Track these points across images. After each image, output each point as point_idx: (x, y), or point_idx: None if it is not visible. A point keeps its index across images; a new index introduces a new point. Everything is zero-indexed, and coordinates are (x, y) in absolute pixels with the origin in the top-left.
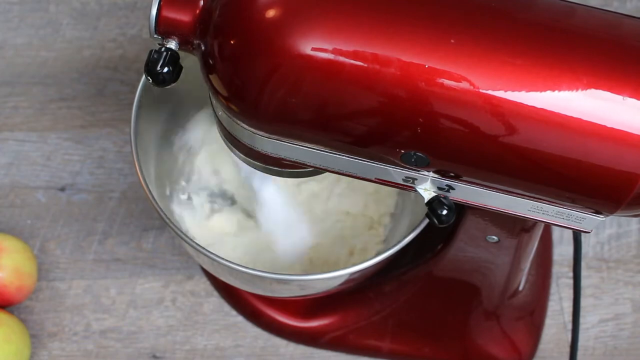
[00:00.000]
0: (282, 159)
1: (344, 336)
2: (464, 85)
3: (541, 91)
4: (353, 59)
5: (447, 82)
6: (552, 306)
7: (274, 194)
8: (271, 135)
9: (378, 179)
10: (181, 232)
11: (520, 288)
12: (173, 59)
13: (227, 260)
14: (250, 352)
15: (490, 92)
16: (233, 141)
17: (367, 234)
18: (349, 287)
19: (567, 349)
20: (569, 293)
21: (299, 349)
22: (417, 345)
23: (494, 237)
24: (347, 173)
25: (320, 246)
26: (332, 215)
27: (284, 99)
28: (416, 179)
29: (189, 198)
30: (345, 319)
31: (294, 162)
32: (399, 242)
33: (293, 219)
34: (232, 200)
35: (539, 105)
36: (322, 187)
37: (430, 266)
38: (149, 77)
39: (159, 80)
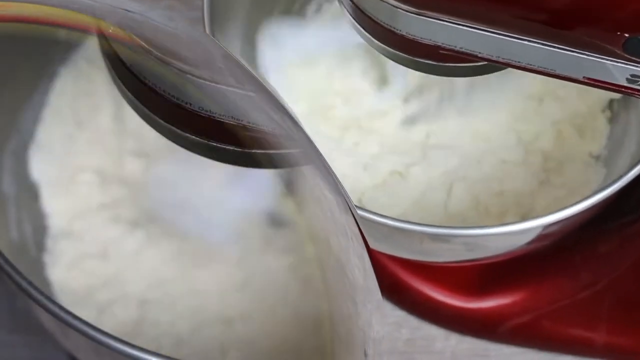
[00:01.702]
0: (438, 46)
1: (535, 323)
2: None
3: None
4: None
5: None
6: None
7: None
8: (420, 10)
9: (588, 79)
10: None
11: None
12: None
13: (362, 209)
14: (390, 346)
15: None
16: (365, 21)
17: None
18: (541, 248)
19: None
20: None
21: (465, 342)
22: None
23: None
24: (540, 69)
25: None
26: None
27: None
28: None
29: None
30: (536, 298)
31: (455, 51)
32: (620, 177)
33: None
34: None
35: None
36: None
37: None
38: None
39: None
